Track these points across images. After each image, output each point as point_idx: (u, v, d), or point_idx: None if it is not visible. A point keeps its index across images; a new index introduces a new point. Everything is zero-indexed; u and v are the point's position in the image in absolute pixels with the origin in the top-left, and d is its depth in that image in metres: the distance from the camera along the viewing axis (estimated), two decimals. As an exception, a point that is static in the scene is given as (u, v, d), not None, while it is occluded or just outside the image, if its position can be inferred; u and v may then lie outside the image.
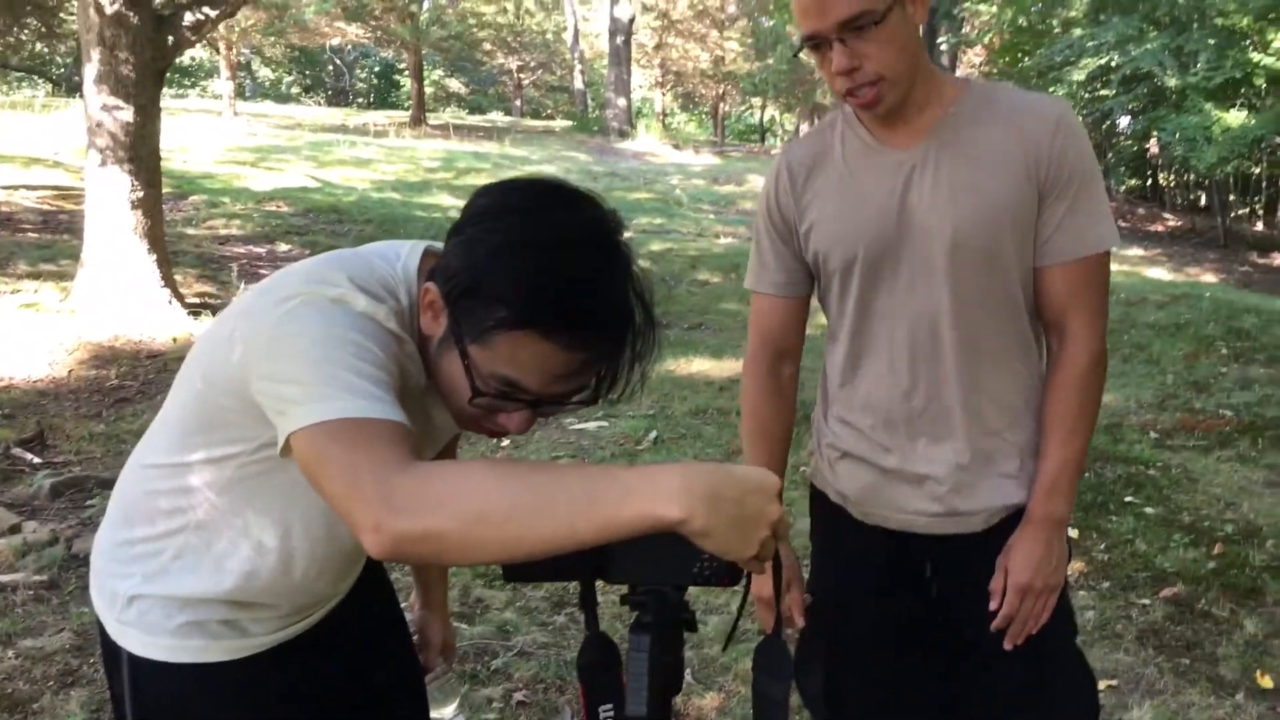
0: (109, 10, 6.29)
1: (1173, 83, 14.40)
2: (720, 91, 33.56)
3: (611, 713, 1.03)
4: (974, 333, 1.54)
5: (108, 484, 4.02)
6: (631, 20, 27.33)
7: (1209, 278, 14.08)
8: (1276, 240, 18.40)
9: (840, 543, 1.74)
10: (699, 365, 6.65)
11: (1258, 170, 19.34)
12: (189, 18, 6.76)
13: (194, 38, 7.04)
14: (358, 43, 32.08)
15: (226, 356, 1.09)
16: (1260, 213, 20.75)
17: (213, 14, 6.88)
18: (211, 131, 19.33)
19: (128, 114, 6.41)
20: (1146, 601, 3.35)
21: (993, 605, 1.57)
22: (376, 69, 46.16)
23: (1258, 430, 5.29)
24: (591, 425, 5.33)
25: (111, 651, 1.26)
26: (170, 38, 6.73)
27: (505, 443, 5.00)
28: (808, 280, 1.68)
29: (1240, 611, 3.30)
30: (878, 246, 1.54)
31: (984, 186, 1.48)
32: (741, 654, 2.94)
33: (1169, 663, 2.98)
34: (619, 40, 26.61)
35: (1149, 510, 4.17)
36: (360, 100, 43.16)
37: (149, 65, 6.57)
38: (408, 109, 27.56)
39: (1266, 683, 2.88)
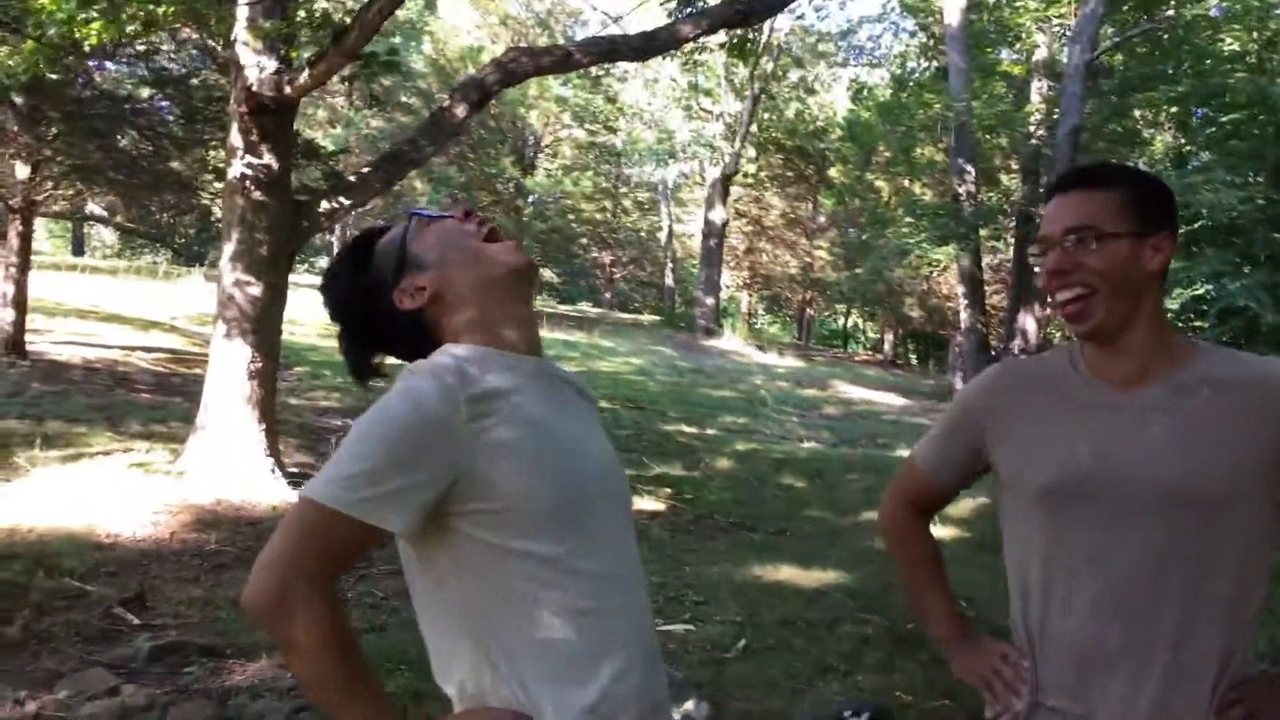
0: (254, 196, 6.77)
1: (1271, 319, 14.32)
2: (806, 296, 34.27)
3: None
4: (1182, 591, 1.51)
5: (208, 651, 4.06)
6: (725, 224, 28.37)
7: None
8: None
9: None
10: (786, 573, 6.55)
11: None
12: (324, 205, 7.24)
13: (327, 223, 7.51)
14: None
15: None
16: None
17: (346, 203, 7.35)
18: (318, 306, 20.24)
19: (258, 290, 6.80)
20: None
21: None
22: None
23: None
24: (679, 628, 5.25)
25: None
26: (305, 222, 7.20)
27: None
28: (967, 480, 1.79)
29: None
30: (1082, 489, 1.55)
31: (1224, 441, 1.50)
32: None
33: None
34: (712, 242, 27.58)
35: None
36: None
37: (283, 247, 7.01)
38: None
39: None
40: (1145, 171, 1.63)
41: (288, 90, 6.66)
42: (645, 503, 8.27)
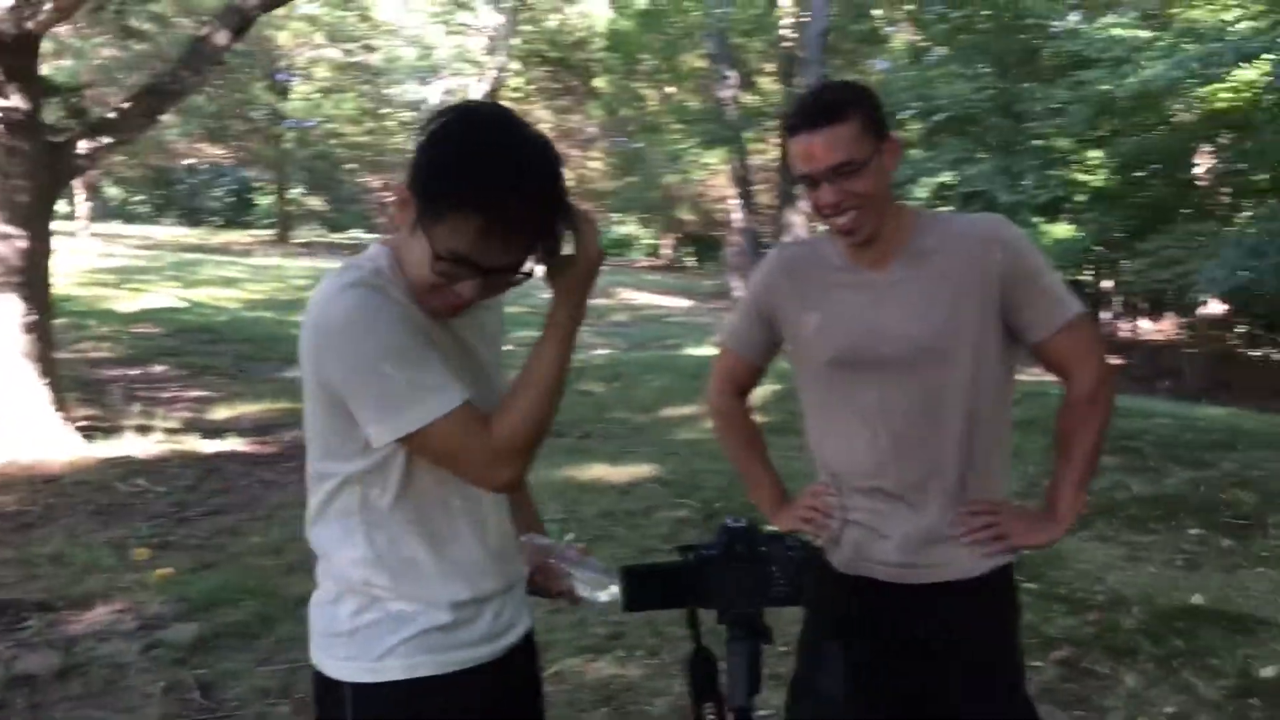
0: (5, 141, 6.33)
1: (1005, 199, 15.72)
2: (584, 208, 34.51)
3: (714, 710, 1.30)
4: (938, 423, 1.89)
5: (41, 606, 4.01)
6: (495, 141, 27.96)
7: (1049, 376, 15.18)
8: (1107, 342, 19.98)
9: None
10: (598, 471, 6.90)
11: (1085, 278, 21.11)
12: (83, 145, 6.84)
13: (87, 165, 7.10)
14: (214, 162, 31.89)
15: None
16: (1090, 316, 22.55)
17: (108, 141, 6.97)
18: (68, 252, 18.86)
19: (24, 241, 6.41)
20: (1039, 663, 3.73)
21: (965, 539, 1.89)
22: (231, 187, 45.65)
23: (1112, 512, 5.86)
24: (506, 532, 5.50)
25: (330, 690, 1.49)
26: (64, 165, 6.79)
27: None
28: (771, 353, 2.11)
29: (1119, 669, 3.71)
30: (852, 354, 1.90)
31: (947, 301, 1.85)
32: None
33: (1065, 714, 3.35)
34: (484, 160, 27.16)
35: (1031, 585, 4.60)
36: (214, 219, 42.54)
37: (43, 192, 6.60)
38: (265, 227, 27.40)
39: (1149, 727, 3.28)
40: (859, 85, 1.91)
41: (30, 25, 6.22)
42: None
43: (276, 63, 26.07)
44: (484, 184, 1.33)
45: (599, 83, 29.45)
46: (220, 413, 8.43)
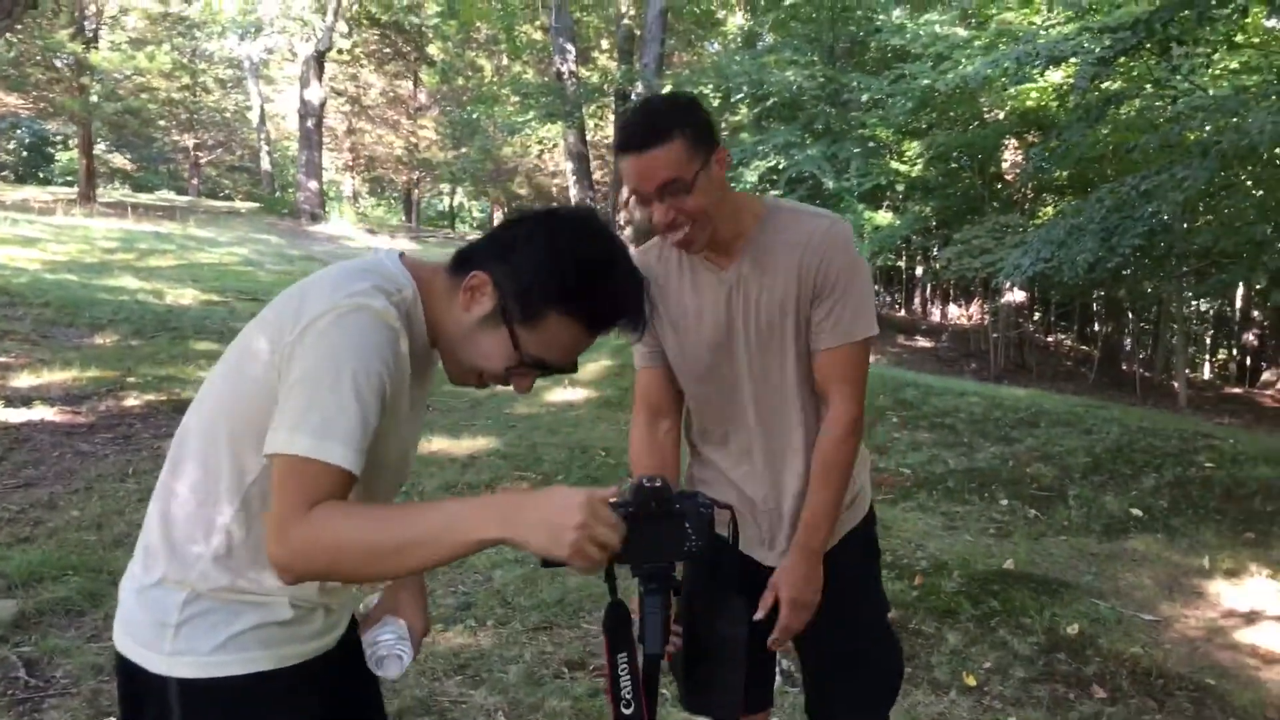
0: None
1: (831, 185, 16.31)
2: (413, 178, 33.82)
3: (627, 659, 1.35)
4: (782, 414, 2.02)
5: None
6: (323, 103, 27.10)
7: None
8: (916, 325, 21.11)
9: None
10: (439, 444, 6.85)
11: (899, 264, 22.21)
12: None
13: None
14: (7, 112, 29.53)
15: (253, 367, 1.35)
16: (902, 301, 23.78)
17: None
18: None
19: None
20: (871, 626, 3.97)
21: (758, 616, 1.98)
22: (26, 140, 42.36)
23: (931, 484, 6.25)
24: (347, 506, 5.40)
25: (149, 686, 1.39)
26: None
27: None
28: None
29: (943, 628, 3.99)
30: (712, 351, 2.01)
31: (776, 292, 1.95)
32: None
33: (897, 673, 3.58)
34: (309, 123, 26.27)
35: (859, 553, 4.87)
36: (6, 174, 39.43)
37: None
38: (63, 184, 25.56)
39: (971, 681, 3.55)
40: (685, 100, 1.91)
41: None
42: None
43: (84, 8, 24.30)
44: (599, 304, 1.39)
45: (433, 50, 28.82)
46: (24, 380, 7.88)
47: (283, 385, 1.30)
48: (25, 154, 42.73)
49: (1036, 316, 21.41)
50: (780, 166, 17.38)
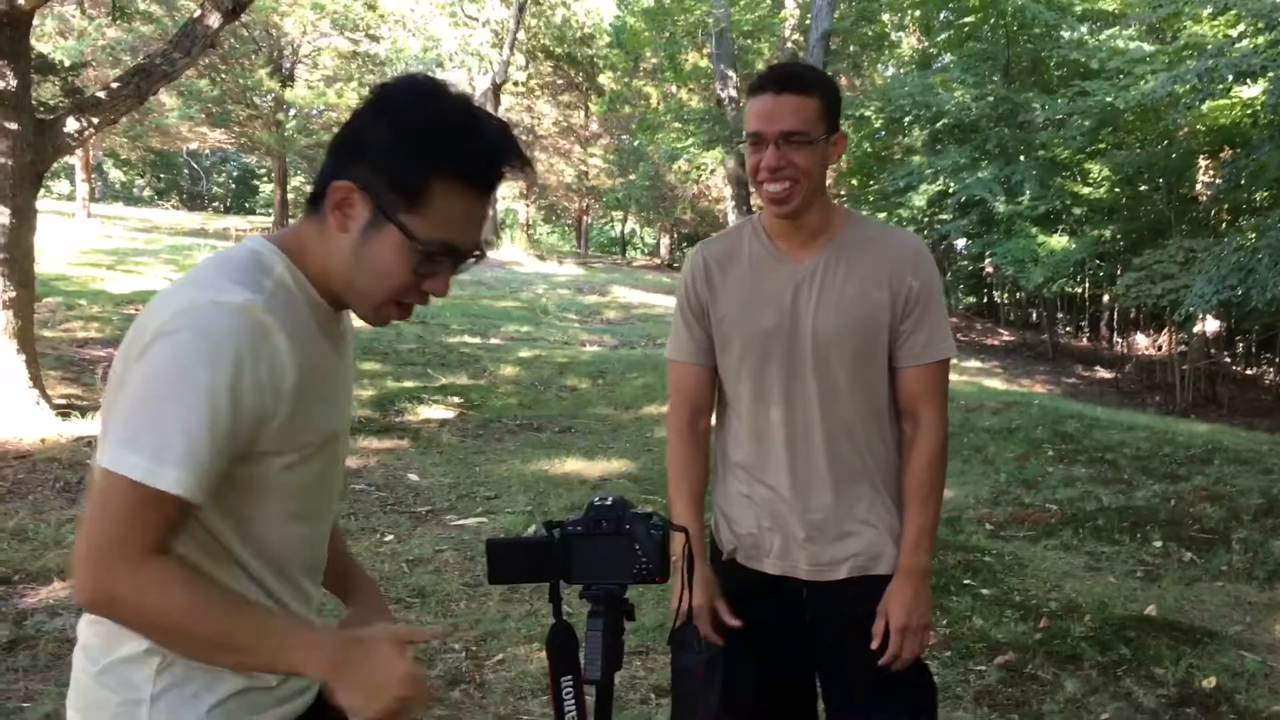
0: (-10, 115, 6.34)
1: (1002, 209, 15.70)
2: (583, 204, 34.55)
3: (571, 682, 1.32)
4: (839, 415, 1.95)
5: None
6: (498, 135, 27.94)
7: (1039, 388, 15.21)
8: (1099, 355, 20.01)
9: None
10: (572, 465, 6.93)
11: (1080, 290, 21.13)
12: (71, 124, 6.85)
13: (74, 144, 7.11)
14: (217, 147, 31.86)
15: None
16: (1085, 329, 22.60)
17: (95, 121, 6.98)
18: (65, 233, 18.85)
19: (4, 216, 6.42)
20: (983, 668, 3.76)
21: (874, 645, 1.93)
22: (235, 174, 45.68)
23: (1079, 521, 5.88)
24: (472, 521, 5.53)
25: None
26: (51, 143, 6.81)
27: (389, 537, 5.15)
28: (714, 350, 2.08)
29: (1062, 674, 3.73)
30: (770, 342, 1.94)
31: (858, 299, 1.91)
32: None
33: (1002, 718, 3.37)
34: (485, 153, 27.13)
35: (985, 591, 4.63)
36: (216, 204, 42.56)
37: (28, 169, 6.61)
38: (266, 213, 27.31)
39: (1084, 733, 3.30)
40: (828, 77, 1.99)
41: (21, 2, 6.25)
42: (434, 411, 8.44)
43: (282, 49, 26.06)
44: (472, 156, 1.23)
45: (603, 79, 29.44)
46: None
47: (123, 390, 1.19)
48: (234, 186, 46.07)
49: (1238, 348, 19.94)
50: (950, 190, 16.89)
